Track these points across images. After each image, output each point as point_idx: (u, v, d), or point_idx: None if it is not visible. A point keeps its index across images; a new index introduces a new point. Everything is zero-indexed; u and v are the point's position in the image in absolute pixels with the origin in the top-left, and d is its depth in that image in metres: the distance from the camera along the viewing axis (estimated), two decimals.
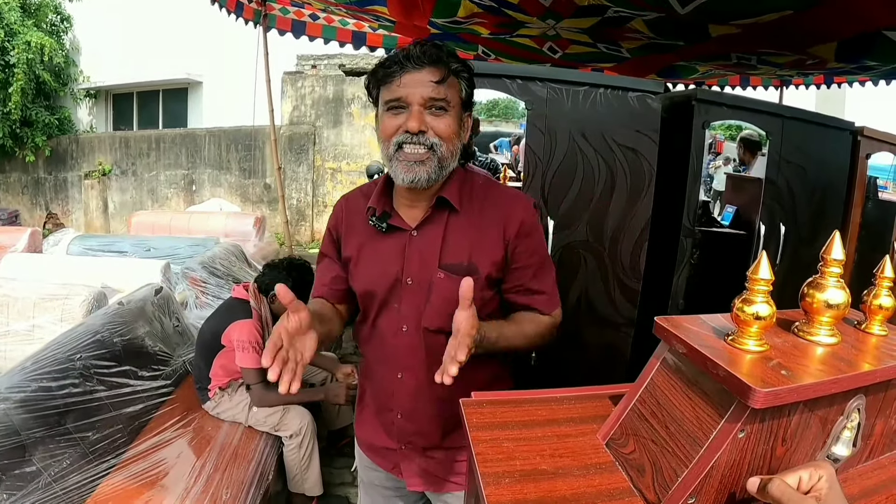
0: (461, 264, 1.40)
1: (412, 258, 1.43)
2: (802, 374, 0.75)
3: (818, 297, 0.87)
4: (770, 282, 0.82)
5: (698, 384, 0.81)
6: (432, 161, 1.35)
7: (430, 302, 1.41)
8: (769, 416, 0.74)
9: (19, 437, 2.17)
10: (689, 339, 0.81)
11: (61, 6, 11.40)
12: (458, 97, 1.39)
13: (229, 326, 2.82)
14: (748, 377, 0.70)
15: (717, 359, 0.75)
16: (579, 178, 2.55)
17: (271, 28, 4.44)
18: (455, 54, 1.40)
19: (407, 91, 1.33)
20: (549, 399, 1.04)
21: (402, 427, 1.53)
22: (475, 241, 1.41)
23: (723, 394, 0.76)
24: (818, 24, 2.38)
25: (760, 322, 0.81)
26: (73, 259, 5.67)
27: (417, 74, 1.32)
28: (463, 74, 1.40)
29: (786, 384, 0.71)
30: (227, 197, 10.65)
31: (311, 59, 10.33)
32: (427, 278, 1.41)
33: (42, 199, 11.74)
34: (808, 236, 3.27)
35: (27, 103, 10.71)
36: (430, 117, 1.34)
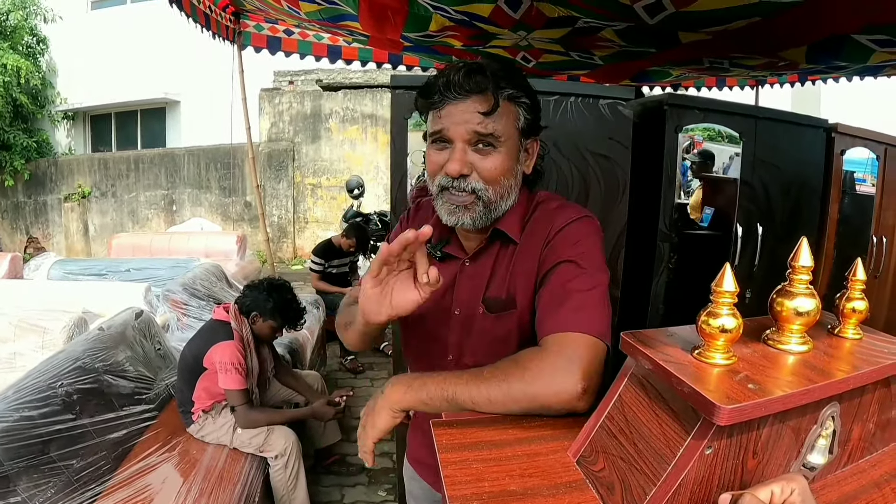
0: (500, 298, 1.28)
1: (462, 288, 1.34)
2: (771, 386, 0.74)
3: (787, 305, 0.86)
4: (735, 293, 0.81)
5: (665, 401, 0.80)
6: (477, 206, 1.21)
7: (471, 335, 1.33)
8: (737, 430, 0.74)
9: (3, 467, 2.15)
10: (653, 355, 0.80)
11: (37, 28, 11.41)
12: (514, 126, 1.21)
13: (211, 349, 2.80)
14: (713, 393, 0.70)
15: (682, 375, 0.74)
16: (552, 189, 2.55)
17: (246, 46, 4.42)
18: (511, 73, 1.22)
19: (449, 124, 1.17)
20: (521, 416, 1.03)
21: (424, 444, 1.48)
22: (518, 272, 1.27)
23: (689, 410, 0.75)
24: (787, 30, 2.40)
25: (726, 335, 0.80)
26: (54, 284, 5.66)
27: (461, 105, 1.16)
28: (521, 100, 1.22)
29: (752, 399, 0.70)
30: (207, 216, 10.66)
31: (287, 76, 10.35)
32: (472, 311, 1.31)
33: (22, 223, 11.70)
34: (785, 235, 3.30)
35: (4, 126, 10.76)
36: (475, 156, 1.18)
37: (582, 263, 1.18)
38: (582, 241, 1.22)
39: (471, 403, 1.05)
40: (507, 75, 1.20)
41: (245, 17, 4.22)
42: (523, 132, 1.24)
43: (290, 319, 3.06)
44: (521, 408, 1.04)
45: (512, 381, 1.03)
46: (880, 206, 3.91)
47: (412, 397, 1.09)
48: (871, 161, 4.08)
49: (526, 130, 1.24)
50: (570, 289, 1.15)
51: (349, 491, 3.37)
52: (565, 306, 1.12)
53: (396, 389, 1.11)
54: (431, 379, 1.09)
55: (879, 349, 0.91)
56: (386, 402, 1.11)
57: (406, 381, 1.12)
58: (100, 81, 11.72)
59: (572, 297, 1.13)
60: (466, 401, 1.05)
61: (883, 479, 0.93)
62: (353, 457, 3.66)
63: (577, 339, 1.08)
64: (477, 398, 1.04)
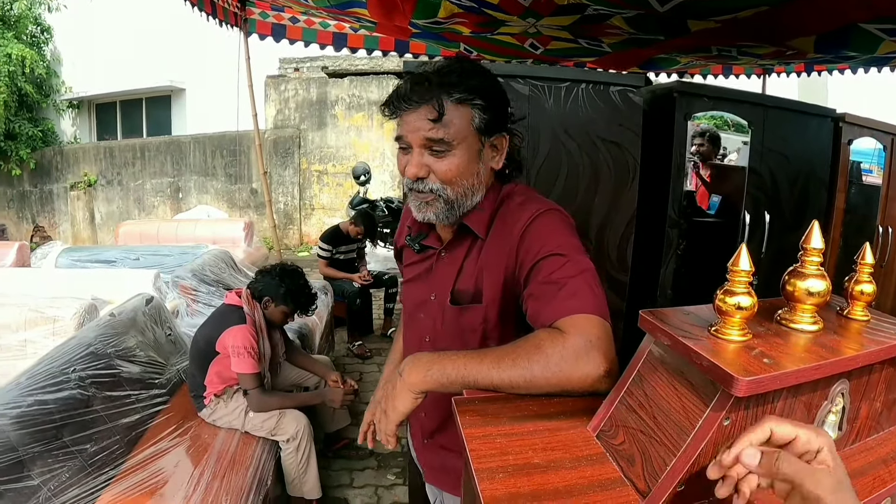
0: (468, 291, 1.35)
1: (437, 276, 1.42)
2: (785, 361, 0.76)
3: (799, 285, 0.88)
4: (750, 273, 0.83)
5: (683, 375, 0.83)
6: (438, 203, 1.28)
7: (442, 323, 1.40)
8: (753, 403, 0.76)
9: (17, 453, 2.16)
10: (673, 332, 0.82)
11: (41, 17, 11.39)
12: (469, 127, 1.25)
13: (223, 333, 2.82)
14: (731, 367, 0.72)
15: (701, 350, 0.77)
16: (563, 175, 2.57)
17: (252, 33, 4.43)
18: (464, 77, 1.25)
19: (405, 132, 1.25)
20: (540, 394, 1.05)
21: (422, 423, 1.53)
22: (486, 266, 1.32)
23: (707, 384, 0.77)
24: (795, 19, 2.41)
25: (742, 312, 0.82)
26: (62, 272, 5.65)
27: (413, 114, 1.23)
28: (475, 101, 1.24)
29: (768, 372, 0.72)
30: (213, 203, 10.66)
31: (293, 63, 10.34)
32: (443, 300, 1.38)
33: (28, 212, 11.72)
34: (792, 223, 3.32)
35: (10, 116, 10.74)
36: (431, 159, 1.25)
37: (562, 252, 1.20)
38: (553, 233, 1.25)
39: (492, 387, 1.07)
40: (460, 79, 1.24)
41: (251, 5, 4.24)
42: (482, 131, 1.27)
43: (303, 305, 3.08)
44: (543, 391, 1.06)
45: (535, 367, 1.05)
46: (886, 196, 3.93)
47: (432, 380, 1.11)
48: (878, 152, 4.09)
49: (485, 129, 1.27)
50: (559, 278, 1.16)
51: (358, 475, 3.41)
52: (561, 293, 1.14)
53: (416, 371, 1.13)
54: (451, 361, 1.11)
55: (887, 330, 0.93)
56: (405, 384, 1.13)
57: (425, 364, 1.13)
58: (105, 70, 11.71)
59: (566, 284, 1.15)
60: (487, 384, 1.07)
61: (890, 457, 0.95)
62: None
63: (589, 320, 1.10)
64: (498, 382, 1.06)
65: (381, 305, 5.93)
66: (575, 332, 1.08)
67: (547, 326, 1.13)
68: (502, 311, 1.30)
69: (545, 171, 2.55)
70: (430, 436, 1.52)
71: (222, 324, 2.87)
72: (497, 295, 1.30)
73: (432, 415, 1.46)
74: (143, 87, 12.09)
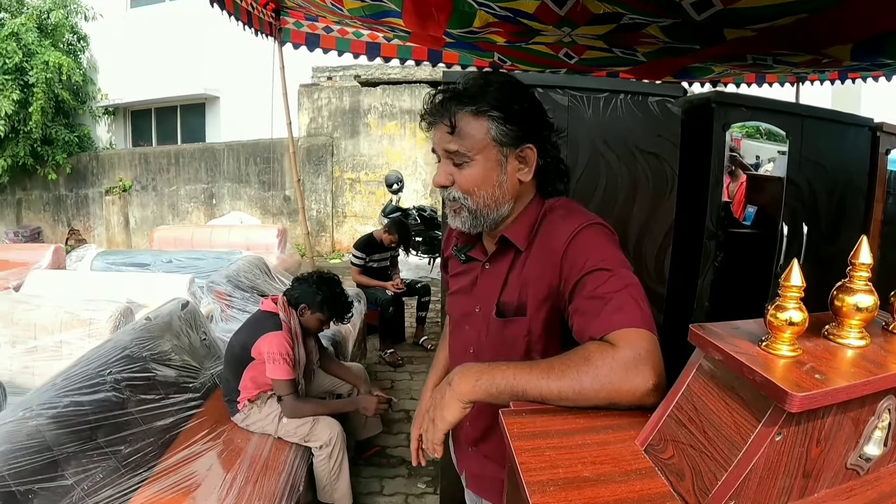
0: (512, 304, 1.35)
1: (481, 287, 1.44)
2: (835, 377, 0.76)
3: (848, 300, 0.87)
4: (802, 288, 0.83)
5: (734, 390, 0.82)
6: (463, 212, 1.34)
7: (486, 335, 1.41)
8: (804, 419, 0.76)
9: (52, 452, 2.19)
10: (724, 346, 0.82)
11: (77, 26, 11.63)
12: (486, 138, 1.26)
13: (259, 339, 2.85)
14: (784, 382, 0.72)
15: (753, 365, 0.76)
16: (602, 186, 2.56)
17: (286, 42, 4.49)
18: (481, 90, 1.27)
19: (434, 143, 1.34)
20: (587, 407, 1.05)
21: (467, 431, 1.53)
22: (529, 279, 1.32)
23: (759, 399, 0.77)
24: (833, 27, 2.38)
25: (793, 328, 0.82)
26: (98, 275, 5.75)
27: (437, 128, 1.31)
28: (490, 113, 1.25)
29: (820, 388, 0.72)
30: (247, 210, 10.79)
31: (326, 71, 10.43)
32: (488, 312, 1.39)
33: (64, 216, 11.97)
34: (830, 235, 3.27)
35: (47, 122, 10.97)
36: (454, 169, 1.32)
37: (606, 266, 1.18)
38: (597, 247, 1.24)
39: (540, 398, 1.07)
40: (478, 92, 1.27)
41: (285, 14, 4.29)
42: (501, 143, 1.28)
43: (339, 312, 3.10)
44: (591, 403, 1.05)
45: (584, 378, 1.04)
46: None
47: (481, 390, 1.12)
48: None
49: (505, 141, 1.28)
50: (605, 293, 1.15)
51: (389, 482, 3.41)
52: (608, 308, 1.13)
53: (465, 382, 1.14)
54: (500, 371, 1.12)
55: None
56: (455, 394, 1.14)
57: (474, 374, 1.14)
58: (140, 77, 11.92)
59: (611, 299, 1.14)
60: (536, 396, 1.07)
61: None
62: (394, 448, 3.70)
63: (638, 334, 1.09)
64: (547, 394, 1.06)
65: (414, 314, 5.93)
66: (624, 345, 1.07)
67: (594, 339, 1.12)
68: (546, 325, 1.30)
69: (584, 181, 2.54)
70: (475, 444, 1.52)
71: (258, 330, 2.90)
72: (541, 308, 1.30)
73: (476, 424, 1.46)
74: (178, 95, 12.28)
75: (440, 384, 1.21)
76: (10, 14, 10.71)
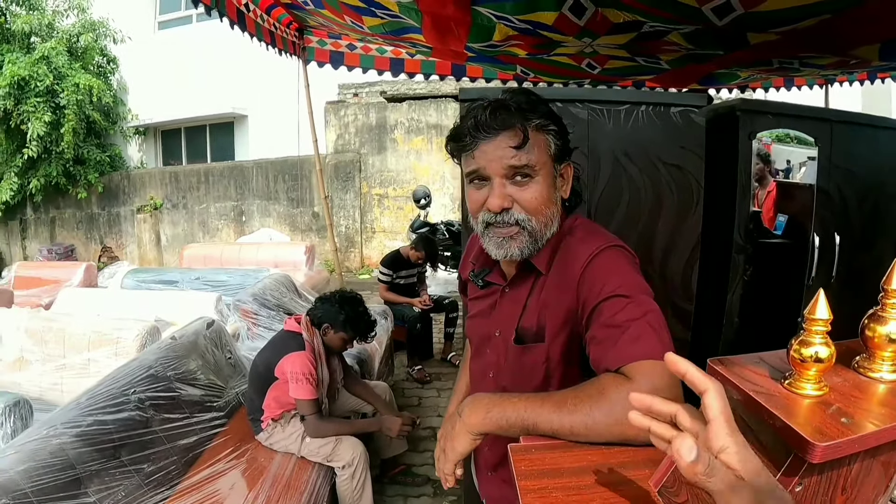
0: (531, 329, 1.30)
1: (501, 313, 1.39)
2: (864, 420, 0.70)
3: (880, 331, 0.80)
4: (828, 321, 0.75)
5: (753, 432, 0.76)
6: (522, 236, 1.23)
7: (506, 360, 1.37)
8: (828, 467, 0.70)
9: (75, 470, 2.21)
10: (743, 385, 0.76)
11: (107, 48, 11.88)
12: (547, 154, 1.23)
13: (282, 359, 2.84)
14: (806, 428, 0.66)
15: (774, 407, 0.70)
16: (625, 200, 2.50)
17: (310, 60, 4.51)
18: (536, 104, 1.24)
19: (484, 162, 1.21)
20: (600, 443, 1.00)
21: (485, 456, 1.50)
22: (547, 303, 1.27)
23: (779, 444, 0.71)
24: (858, 28, 2.32)
25: (819, 365, 0.75)
26: (127, 293, 5.82)
27: (493, 142, 1.19)
28: (550, 128, 1.23)
29: (846, 435, 0.66)
30: (276, 226, 10.88)
31: (352, 88, 10.48)
32: (507, 337, 1.34)
33: (96, 234, 12.18)
34: (863, 244, 3.16)
35: (79, 142, 11.20)
36: (514, 188, 1.21)
37: (624, 293, 1.13)
38: (615, 271, 1.18)
39: (551, 432, 1.03)
40: (533, 106, 1.22)
41: (309, 33, 4.31)
42: (556, 158, 1.26)
43: (362, 332, 3.08)
44: (604, 439, 0.99)
45: (596, 413, 0.99)
46: None
47: (491, 423, 1.08)
48: None
49: (558, 156, 1.26)
50: (623, 321, 1.09)
51: (414, 501, 3.37)
52: (625, 337, 1.07)
53: (475, 413, 1.10)
54: (511, 404, 1.07)
55: None
56: (465, 426, 1.11)
57: (485, 406, 1.10)
58: (169, 98, 12.10)
59: (629, 327, 1.08)
60: (547, 430, 1.03)
61: None
62: (419, 467, 3.66)
63: (655, 366, 1.01)
64: (558, 427, 1.02)
65: (442, 329, 5.89)
66: (640, 378, 1.01)
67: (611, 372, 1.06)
68: (565, 351, 1.26)
69: (606, 196, 2.49)
70: (494, 469, 1.47)
71: (282, 350, 2.90)
72: (559, 334, 1.25)
73: (495, 449, 1.42)
74: (207, 114, 12.41)
75: (452, 414, 1.17)
76: (41, 38, 10.94)
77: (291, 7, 3.62)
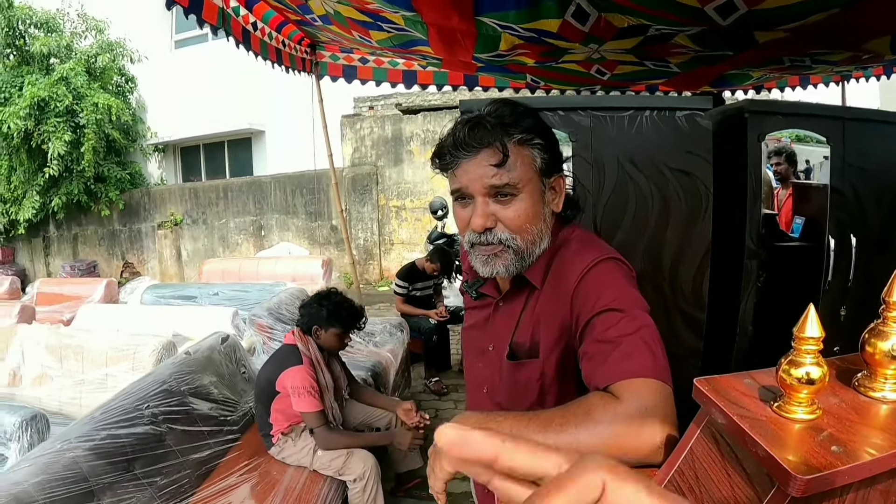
0: (524, 345, 1.27)
1: (495, 325, 1.36)
2: (858, 447, 0.64)
3: (881, 347, 0.74)
4: (820, 339, 0.71)
5: (738, 459, 0.71)
6: (507, 254, 1.20)
7: (499, 376, 1.33)
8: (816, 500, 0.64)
9: (88, 483, 2.22)
10: (728, 409, 0.70)
11: (125, 68, 12.13)
12: (532, 169, 1.19)
13: (282, 374, 2.86)
14: (790, 460, 0.60)
15: (758, 434, 0.65)
16: (632, 208, 2.45)
17: (324, 75, 4.52)
18: (520, 117, 1.20)
19: (466, 181, 1.18)
20: None
21: None
22: (542, 318, 1.24)
23: (763, 474, 0.65)
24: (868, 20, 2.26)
25: (810, 387, 0.70)
26: (146, 308, 5.89)
27: (473, 160, 1.16)
28: (534, 141, 1.19)
29: (835, 466, 0.60)
30: (294, 240, 10.96)
31: (367, 101, 10.52)
32: (501, 352, 1.31)
33: (118, 250, 12.37)
34: (881, 246, 3.06)
35: (99, 160, 11.43)
36: (497, 207, 1.18)
37: (618, 307, 1.09)
38: (610, 285, 1.15)
39: None
40: (516, 120, 1.18)
41: (321, 49, 4.32)
42: (543, 172, 1.21)
43: (348, 320, 3.05)
44: None
45: (582, 433, 0.94)
46: None
47: None
48: None
49: (546, 170, 1.22)
50: (615, 336, 1.06)
51: None
52: (616, 353, 1.03)
53: None
54: (497, 423, 1.02)
55: None
56: None
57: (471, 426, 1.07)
58: (187, 115, 12.26)
59: (621, 343, 1.04)
60: None
61: None
62: None
63: (646, 385, 0.98)
64: None
65: (459, 341, 5.83)
66: (629, 398, 0.97)
67: (600, 390, 1.02)
68: (560, 366, 1.22)
69: (612, 205, 2.43)
70: None
71: (282, 364, 2.91)
72: (554, 349, 1.22)
73: None
74: (225, 131, 12.54)
75: None
76: (60, 60, 11.17)
77: (301, 24, 3.64)
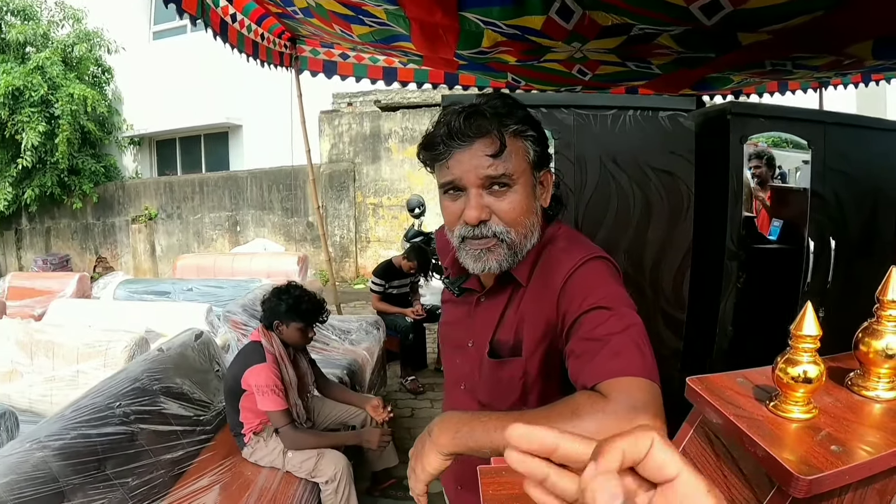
0: (507, 343, 1.25)
1: (476, 322, 1.33)
2: (856, 447, 0.63)
3: (875, 345, 0.73)
4: (817, 338, 0.69)
5: (734, 460, 0.69)
6: (501, 248, 1.17)
7: (479, 373, 1.31)
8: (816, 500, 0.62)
9: (57, 483, 2.17)
10: (724, 409, 0.68)
11: (101, 59, 11.87)
12: (525, 161, 1.17)
13: (246, 371, 2.81)
14: (790, 460, 0.59)
15: (756, 434, 0.63)
16: (614, 207, 2.45)
17: (303, 70, 4.48)
18: (513, 108, 1.18)
19: (459, 172, 1.14)
20: None
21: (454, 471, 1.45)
22: (526, 316, 1.22)
23: (761, 475, 0.64)
24: (851, 24, 2.27)
25: (807, 386, 0.68)
26: (119, 304, 5.78)
27: (468, 151, 1.13)
28: (528, 133, 1.18)
29: (836, 466, 0.59)
30: (270, 237, 10.86)
31: (346, 97, 10.46)
32: (481, 349, 1.29)
33: (91, 244, 12.17)
34: (860, 249, 3.10)
35: (73, 152, 11.20)
36: (491, 199, 1.15)
37: (606, 305, 1.07)
38: (598, 283, 1.13)
39: None
40: (510, 111, 1.16)
41: (301, 43, 4.28)
42: (535, 165, 1.20)
43: (308, 313, 3.00)
44: None
45: None
46: None
47: (460, 443, 1.01)
48: None
49: (537, 163, 1.21)
50: (603, 334, 1.03)
51: None
52: (604, 352, 1.01)
53: (444, 433, 1.03)
54: (481, 423, 1.00)
55: None
56: (434, 445, 1.03)
57: (454, 425, 1.03)
58: (164, 108, 12.08)
59: (609, 341, 1.02)
60: None
61: None
62: None
63: (634, 383, 0.95)
64: None
65: (435, 339, 5.83)
66: (617, 396, 0.93)
67: (588, 388, 1.00)
68: (543, 365, 1.20)
69: (594, 204, 2.43)
70: (463, 484, 1.42)
71: (246, 361, 2.87)
72: (538, 348, 1.20)
73: (464, 462, 1.36)
74: (202, 124, 12.40)
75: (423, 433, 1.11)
76: (36, 48, 10.95)
77: (282, 17, 3.59)
